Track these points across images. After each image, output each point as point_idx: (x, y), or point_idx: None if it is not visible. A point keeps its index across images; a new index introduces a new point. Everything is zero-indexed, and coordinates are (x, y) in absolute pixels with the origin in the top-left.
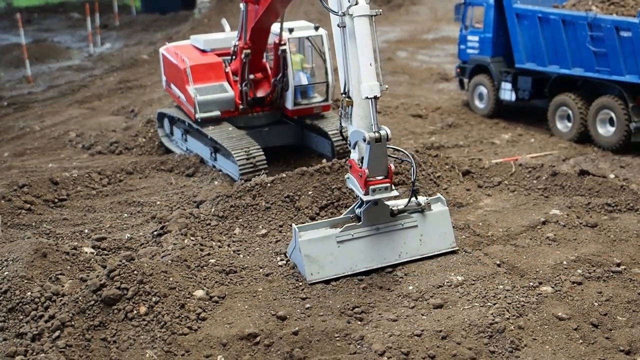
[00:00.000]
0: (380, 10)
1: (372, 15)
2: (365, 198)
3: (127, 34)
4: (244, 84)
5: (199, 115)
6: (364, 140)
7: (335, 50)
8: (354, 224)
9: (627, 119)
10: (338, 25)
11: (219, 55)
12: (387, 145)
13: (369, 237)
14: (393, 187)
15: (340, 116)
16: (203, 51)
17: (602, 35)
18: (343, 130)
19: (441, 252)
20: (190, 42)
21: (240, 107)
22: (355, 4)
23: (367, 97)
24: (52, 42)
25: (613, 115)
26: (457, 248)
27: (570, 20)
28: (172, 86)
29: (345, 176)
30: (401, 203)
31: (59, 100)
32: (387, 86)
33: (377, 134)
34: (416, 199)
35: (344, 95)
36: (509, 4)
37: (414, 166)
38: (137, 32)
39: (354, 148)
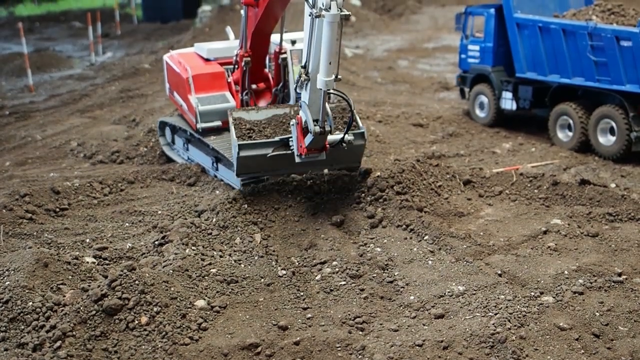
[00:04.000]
0: (349, 12)
1: (341, 19)
2: (297, 159)
3: (128, 43)
4: (244, 93)
5: (200, 125)
6: (310, 131)
7: (303, 29)
8: (283, 152)
9: (627, 128)
10: (310, 15)
11: (222, 64)
12: (333, 90)
13: (290, 157)
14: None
15: (296, 82)
16: (206, 60)
17: (603, 45)
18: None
19: (347, 167)
20: (194, 49)
21: None
22: (328, 9)
23: (319, 89)
24: (53, 51)
25: (614, 124)
26: (359, 166)
27: (570, 30)
28: (175, 94)
29: (291, 122)
30: (336, 138)
31: (60, 109)
32: (340, 77)
33: (320, 129)
34: (344, 140)
35: (302, 69)
36: (510, 14)
37: (352, 107)
38: (139, 41)
39: (302, 110)
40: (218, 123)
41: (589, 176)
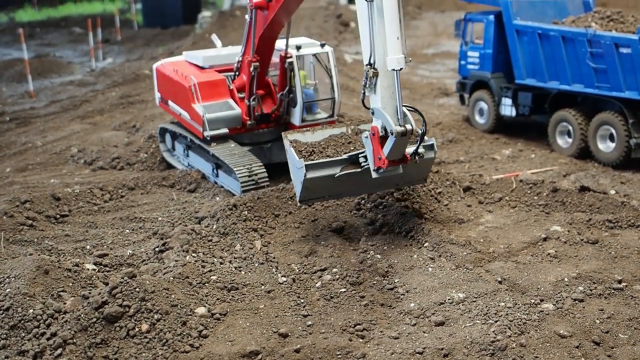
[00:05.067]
0: None
1: None
2: (373, 174)
3: (128, 49)
4: (252, 99)
5: (208, 133)
6: (391, 133)
7: (358, 22)
8: (352, 170)
9: (627, 135)
10: (366, 0)
11: (219, 71)
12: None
13: (360, 175)
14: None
15: (363, 85)
16: (202, 68)
17: (602, 52)
18: (365, 100)
19: (412, 185)
20: (184, 58)
21: (248, 123)
22: None
23: (393, 69)
24: (54, 57)
25: (613, 131)
26: (426, 184)
27: (570, 37)
28: (171, 103)
29: (364, 135)
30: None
31: (61, 115)
32: (410, 59)
33: (403, 128)
34: (417, 152)
35: (368, 67)
36: (509, 21)
37: (424, 120)
38: (139, 47)
39: (376, 117)
40: (225, 130)
41: (589, 183)
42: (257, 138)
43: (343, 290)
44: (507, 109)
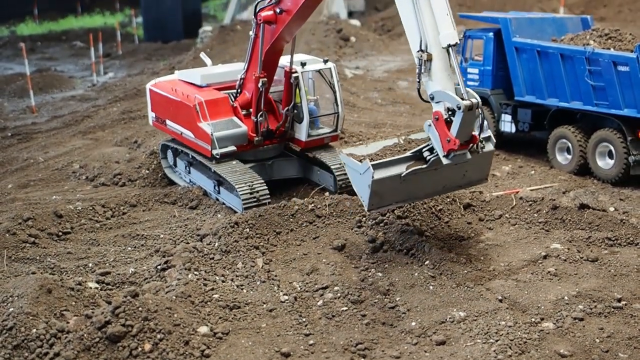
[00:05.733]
0: None
1: None
2: (444, 161)
3: (129, 63)
4: (259, 115)
5: (217, 151)
6: (458, 107)
7: (400, 13)
8: (419, 167)
9: (625, 152)
10: None
11: (218, 89)
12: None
13: (425, 174)
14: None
15: (418, 74)
16: (199, 86)
17: (600, 70)
18: (420, 91)
19: (476, 184)
20: (177, 76)
21: (256, 139)
22: None
23: (448, 45)
24: (55, 72)
25: (612, 148)
26: (488, 183)
27: (568, 55)
28: (169, 122)
29: (426, 124)
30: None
31: (62, 130)
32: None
33: (469, 102)
34: (477, 148)
35: (420, 53)
36: (509, 38)
37: (482, 113)
38: (140, 61)
39: (436, 103)
40: (233, 148)
41: (588, 200)
42: (260, 155)
43: (344, 308)
44: (507, 125)
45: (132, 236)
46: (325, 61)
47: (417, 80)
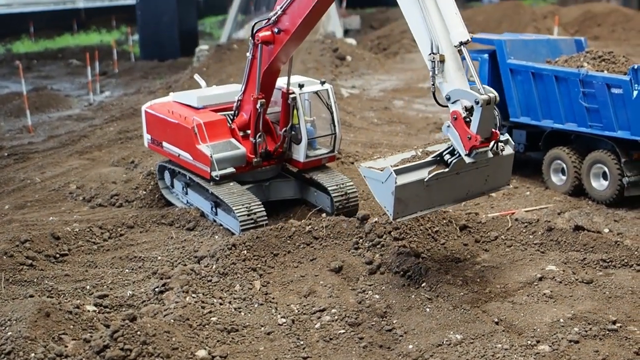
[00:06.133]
0: None
1: None
2: (467, 159)
3: (126, 82)
4: (257, 136)
5: (217, 173)
6: (476, 102)
7: (407, 19)
8: (441, 171)
9: (620, 173)
10: None
11: (213, 111)
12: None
13: (448, 179)
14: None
15: (432, 77)
16: (196, 108)
17: (594, 92)
18: (435, 94)
19: (498, 189)
20: (173, 98)
21: (254, 160)
22: None
23: (460, 43)
24: (51, 91)
25: (606, 169)
26: (511, 186)
27: (562, 77)
28: (166, 144)
29: (445, 125)
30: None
31: (59, 150)
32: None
33: (487, 96)
34: (497, 148)
35: (432, 55)
36: (503, 60)
37: (498, 115)
38: (136, 80)
39: (453, 103)
40: (233, 170)
41: (583, 221)
42: (258, 176)
43: (342, 331)
44: None
45: (129, 258)
46: (323, 82)
47: (432, 83)
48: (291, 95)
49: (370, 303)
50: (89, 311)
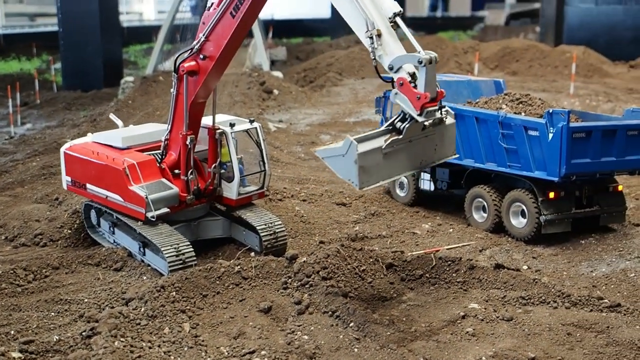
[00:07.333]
0: None
1: None
2: (419, 119)
3: (48, 113)
4: (189, 173)
5: (152, 214)
6: (420, 62)
7: (337, 7)
8: (396, 137)
9: (537, 212)
10: None
11: (139, 152)
12: None
13: (403, 148)
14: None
15: (371, 51)
16: (120, 149)
17: (512, 133)
18: (377, 67)
19: (447, 158)
20: (93, 139)
21: (188, 198)
22: None
23: (394, 14)
24: None
25: (524, 208)
26: (458, 156)
27: (483, 118)
28: (90, 186)
29: (393, 92)
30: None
31: None
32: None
33: (428, 56)
34: (441, 114)
35: (369, 32)
36: None
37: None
38: (59, 111)
39: (396, 71)
40: (167, 210)
41: (503, 258)
42: (188, 215)
43: None
44: (426, 183)
45: (55, 301)
46: (252, 121)
47: (373, 58)
48: (217, 131)
49: (300, 344)
50: (14, 358)
